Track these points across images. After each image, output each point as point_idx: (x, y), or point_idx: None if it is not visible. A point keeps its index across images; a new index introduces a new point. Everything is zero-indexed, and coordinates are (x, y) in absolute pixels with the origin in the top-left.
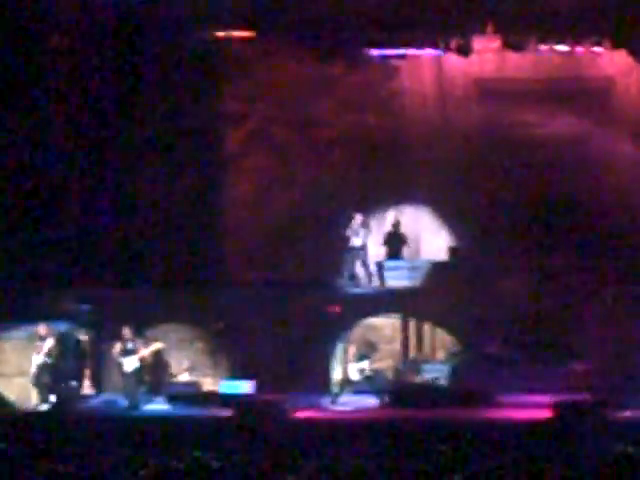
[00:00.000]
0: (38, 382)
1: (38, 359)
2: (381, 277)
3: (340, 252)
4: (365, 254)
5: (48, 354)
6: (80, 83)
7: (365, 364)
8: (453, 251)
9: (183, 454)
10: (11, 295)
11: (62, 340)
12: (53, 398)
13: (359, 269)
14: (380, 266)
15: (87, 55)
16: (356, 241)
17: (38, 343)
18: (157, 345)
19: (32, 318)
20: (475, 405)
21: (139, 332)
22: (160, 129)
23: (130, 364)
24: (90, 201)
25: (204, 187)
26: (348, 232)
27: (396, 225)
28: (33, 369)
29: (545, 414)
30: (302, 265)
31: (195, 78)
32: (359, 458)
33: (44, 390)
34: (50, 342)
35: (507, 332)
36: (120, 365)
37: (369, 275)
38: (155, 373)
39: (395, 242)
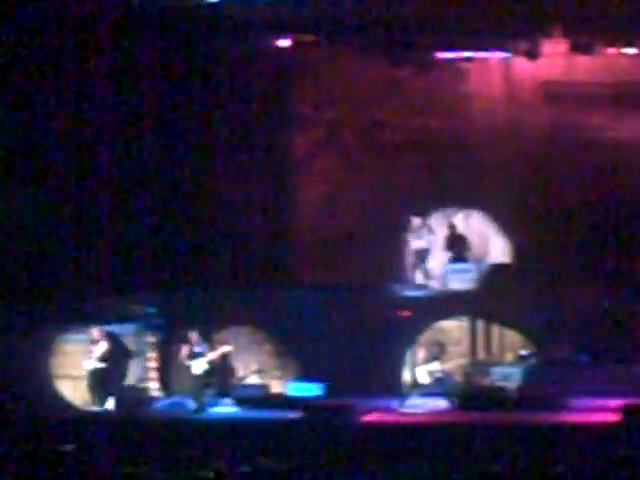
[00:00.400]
0: (91, 388)
1: (90, 364)
2: (446, 280)
3: (404, 255)
4: (426, 257)
5: (101, 358)
6: (148, 88)
7: (435, 366)
8: (521, 254)
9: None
10: (79, 297)
11: (119, 343)
12: (111, 403)
13: (420, 272)
14: (446, 269)
15: (155, 59)
16: (418, 244)
17: (90, 347)
18: (225, 348)
19: (100, 320)
20: (544, 409)
21: (207, 335)
22: (229, 134)
23: (198, 367)
24: (158, 204)
25: (273, 190)
26: (410, 235)
27: (452, 228)
28: (86, 374)
29: (614, 417)
30: (370, 268)
31: (264, 82)
32: (427, 461)
33: (97, 395)
34: (103, 346)
35: (576, 335)
36: (188, 368)
37: (429, 278)
38: (223, 376)
39: (457, 245)
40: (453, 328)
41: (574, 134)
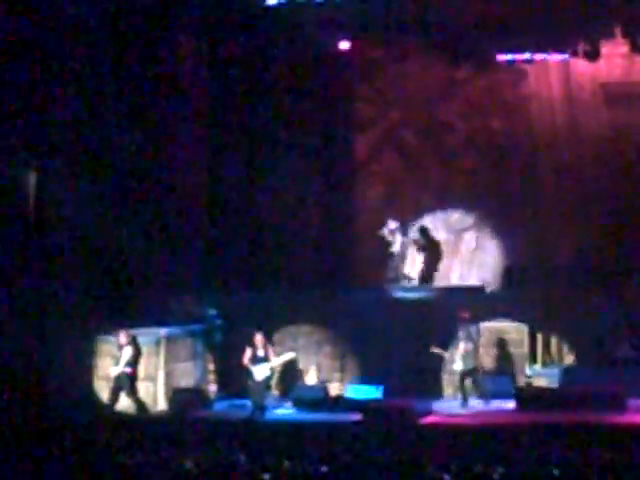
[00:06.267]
0: (114, 391)
1: (117, 369)
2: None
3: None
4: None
5: (127, 363)
6: (211, 89)
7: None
8: (579, 254)
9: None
10: (140, 299)
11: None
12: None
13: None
14: (510, 271)
15: (218, 60)
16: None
17: (118, 352)
18: (289, 355)
19: (161, 322)
20: (603, 409)
21: (268, 335)
22: (290, 134)
23: (261, 372)
24: (221, 206)
25: (334, 191)
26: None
27: None
28: (112, 381)
29: None
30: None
31: (325, 83)
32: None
33: (116, 398)
34: (129, 351)
35: (635, 335)
36: (250, 372)
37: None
38: (286, 382)
39: None
40: (512, 329)
41: (634, 135)
